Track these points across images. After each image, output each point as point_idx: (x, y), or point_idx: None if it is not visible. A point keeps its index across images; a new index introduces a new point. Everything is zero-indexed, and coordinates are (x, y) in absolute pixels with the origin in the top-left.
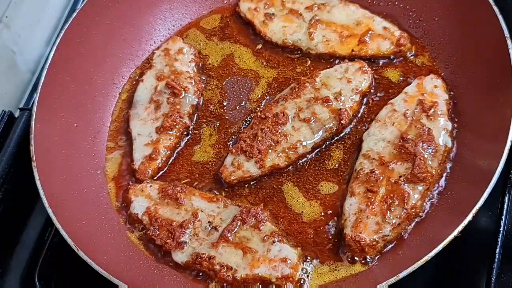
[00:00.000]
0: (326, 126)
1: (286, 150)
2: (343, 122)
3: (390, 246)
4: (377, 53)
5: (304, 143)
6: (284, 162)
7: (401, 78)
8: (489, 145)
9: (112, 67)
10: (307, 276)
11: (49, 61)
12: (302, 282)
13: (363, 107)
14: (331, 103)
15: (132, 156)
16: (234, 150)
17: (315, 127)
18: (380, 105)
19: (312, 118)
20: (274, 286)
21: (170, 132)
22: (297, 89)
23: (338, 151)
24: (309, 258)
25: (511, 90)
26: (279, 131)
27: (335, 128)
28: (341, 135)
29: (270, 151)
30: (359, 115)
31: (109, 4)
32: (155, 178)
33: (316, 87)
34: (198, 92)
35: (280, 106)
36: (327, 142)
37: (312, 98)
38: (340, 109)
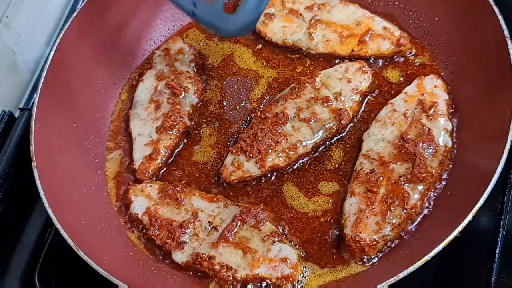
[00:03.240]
0: (326, 126)
1: (286, 150)
2: (343, 122)
3: (390, 246)
4: (377, 53)
5: (304, 143)
6: (284, 162)
7: (401, 78)
8: (489, 145)
9: (112, 67)
10: (307, 276)
11: (49, 61)
12: (302, 282)
13: (363, 107)
14: (331, 103)
15: (132, 156)
16: (234, 150)
17: (315, 127)
18: (380, 105)
19: (312, 118)
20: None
21: (170, 132)
22: (297, 89)
23: (338, 151)
24: (309, 258)
25: (511, 90)
26: (279, 131)
27: (335, 128)
28: (341, 135)
29: (270, 151)
30: (359, 115)
31: (109, 4)
32: (155, 178)
33: (316, 87)
34: (198, 92)
35: (280, 106)
36: (327, 142)
37: (312, 98)
38: (340, 109)
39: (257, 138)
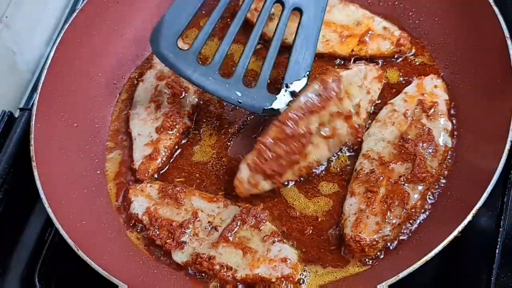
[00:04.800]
0: (343, 142)
1: (302, 169)
2: (359, 140)
3: (390, 246)
4: (377, 53)
5: (320, 161)
6: (297, 177)
7: (401, 78)
8: (489, 145)
9: (112, 67)
10: (307, 276)
11: (49, 61)
12: (301, 282)
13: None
14: (351, 118)
15: (132, 156)
16: (252, 164)
17: (332, 144)
18: (380, 105)
19: (332, 135)
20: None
21: (170, 132)
22: (323, 95)
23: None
24: (309, 258)
25: (511, 90)
26: (301, 152)
27: (349, 144)
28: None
29: (288, 170)
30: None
31: (109, 4)
32: (155, 178)
33: (340, 96)
34: (198, 92)
35: (305, 120)
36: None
37: (335, 113)
38: (359, 125)
39: (279, 160)
